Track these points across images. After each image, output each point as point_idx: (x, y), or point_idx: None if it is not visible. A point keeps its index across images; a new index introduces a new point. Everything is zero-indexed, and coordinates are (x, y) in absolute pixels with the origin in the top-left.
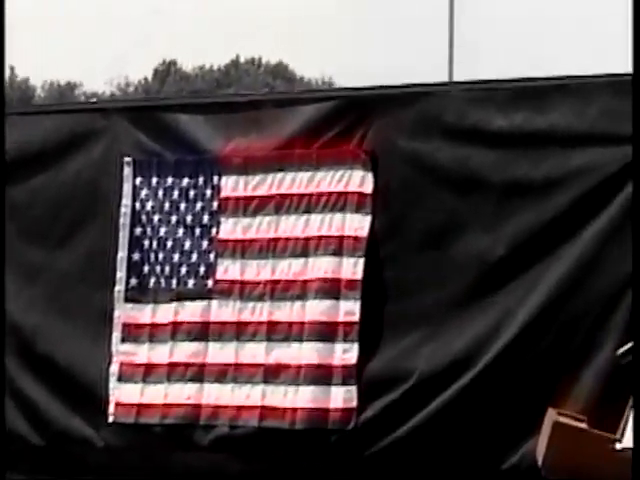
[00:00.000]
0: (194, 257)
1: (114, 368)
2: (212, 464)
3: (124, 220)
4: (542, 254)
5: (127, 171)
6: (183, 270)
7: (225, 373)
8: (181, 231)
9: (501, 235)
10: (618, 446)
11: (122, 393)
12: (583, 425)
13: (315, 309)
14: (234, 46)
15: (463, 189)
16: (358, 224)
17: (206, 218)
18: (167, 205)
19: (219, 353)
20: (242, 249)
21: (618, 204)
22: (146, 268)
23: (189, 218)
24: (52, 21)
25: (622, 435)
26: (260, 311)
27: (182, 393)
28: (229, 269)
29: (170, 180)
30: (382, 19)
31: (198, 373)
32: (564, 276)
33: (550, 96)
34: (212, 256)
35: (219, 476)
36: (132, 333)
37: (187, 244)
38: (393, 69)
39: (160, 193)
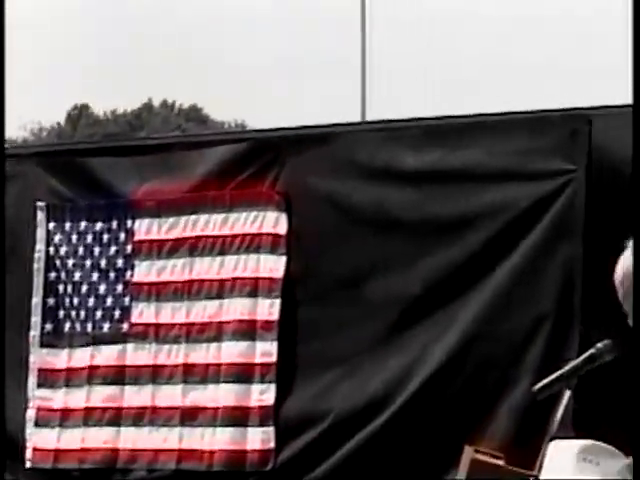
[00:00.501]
0: (109, 301)
1: (31, 413)
2: None
3: (38, 265)
4: (458, 292)
5: (40, 216)
6: (98, 314)
7: (142, 417)
8: (95, 275)
9: (417, 274)
10: None
11: (39, 438)
12: (500, 462)
13: (231, 351)
14: (147, 89)
15: (378, 228)
16: (273, 265)
17: (120, 261)
18: (81, 249)
19: (136, 396)
20: (157, 292)
21: (532, 240)
22: (61, 313)
23: (103, 262)
24: None
25: (539, 471)
26: (176, 354)
27: (99, 437)
28: (144, 312)
29: (83, 224)
30: (294, 58)
31: (115, 417)
32: (480, 313)
33: (464, 134)
34: (127, 299)
35: None
36: (48, 378)
37: (102, 288)
38: (305, 110)
39: (74, 237)
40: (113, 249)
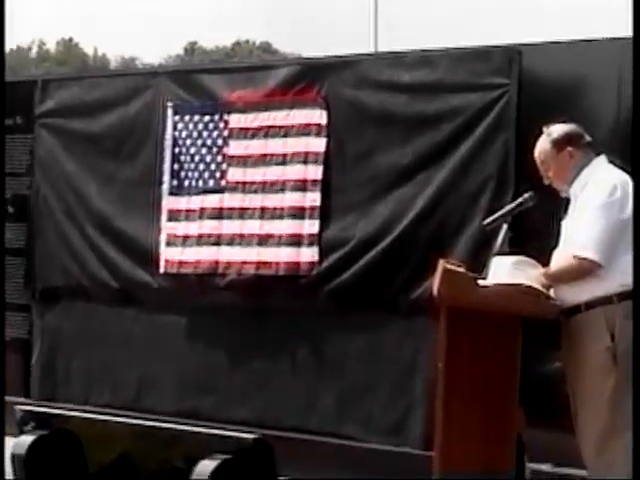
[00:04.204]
0: (213, 166)
1: (163, 237)
2: (226, 299)
3: (168, 143)
4: (435, 161)
5: (169, 112)
6: (206, 175)
7: (234, 240)
8: (204, 150)
9: (408, 150)
10: (481, 282)
11: (168, 253)
12: (462, 269)
13: (291, 198)
14: (235, 31)
15: (382, 121)
16: (318, 143)
17: (220, 141)
18: (195, 133)
19: (230, 227)
20: (244, 160)
21: (480, 131)
22: (182, 173)
23: (209, 141)
24: (126, 17)
25: (486, 276)
26: (256, 200)
27: (207, 253)
28: (235, 173)
29: (197, 117)
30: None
31: (217, 240)
32: (448, 175)
33: (440, 60)
34: (224, 165)
35: (230, 306)
36: (174, 215)
37: (208, 158)
38: (338, 41)
39: (190, 126)
40: (215, 133)
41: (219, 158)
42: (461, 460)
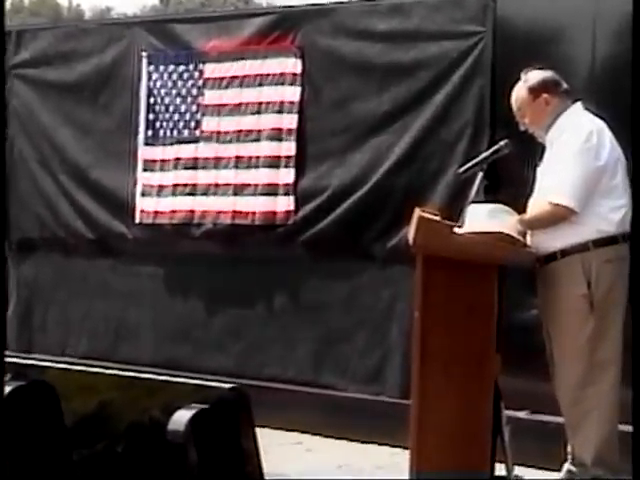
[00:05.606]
0: (187, 116)
1: (138, 188)
2: (201, 249)
3: (142, 93)
4: (411, 109)
5: (144, 62)
6: (181, 124)
7: (209, 189)
8: (179, 100)
9: (385, 98)
10: (457, 230)
11: (144, 204)
12: (438, 218)
13: (266, 148)
14: None
15: (359, 69)
16: (292, 92)
17: (195, 91)
18: (169, 83)
19: (205, 177)
20: (218, 110)
21: (455, 79)
22: (157, 124)
23: (184, 91)
24: None
25: (462, 224)
26: (230, 149)
27: (182, 203)
28: (210, 123)
29: (171, 67)
30: None
31: (192, 190)
32: (425, 123)
33: (415, 8)
34: (199, 115)
35: (206, 256)
36: (149, 165)
37: (183, 108)
38: None
39: (165, 76)
40: (190, 83)
41: (194, 108)
42: (438, 409)
